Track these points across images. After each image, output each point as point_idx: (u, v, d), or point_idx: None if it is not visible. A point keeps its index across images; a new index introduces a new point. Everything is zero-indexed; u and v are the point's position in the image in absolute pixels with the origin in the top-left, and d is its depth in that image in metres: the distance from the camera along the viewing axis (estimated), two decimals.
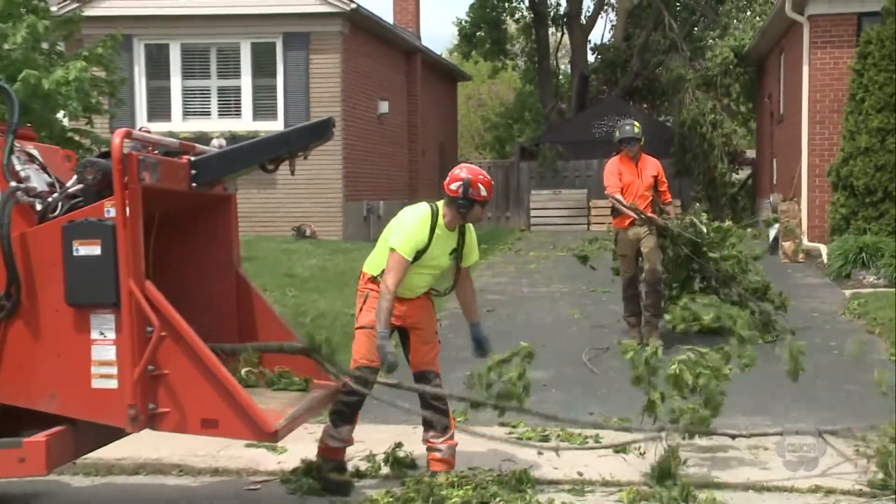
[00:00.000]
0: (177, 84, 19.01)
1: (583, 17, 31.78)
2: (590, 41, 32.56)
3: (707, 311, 9.55)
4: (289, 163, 5.37)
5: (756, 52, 22.77)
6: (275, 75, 18.84)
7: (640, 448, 6.34)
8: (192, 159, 5.11)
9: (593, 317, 11.47)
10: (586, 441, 6.67)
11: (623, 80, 30.94)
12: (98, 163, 4.75)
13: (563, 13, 32.27)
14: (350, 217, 19.27)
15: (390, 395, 5.93)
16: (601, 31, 72.39)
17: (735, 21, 28.18)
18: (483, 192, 5.78)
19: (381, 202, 20.71)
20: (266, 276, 12.87)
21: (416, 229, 5.76)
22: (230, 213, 5.66)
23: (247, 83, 18.92)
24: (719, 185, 23.61)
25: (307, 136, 5.42)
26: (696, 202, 20.34)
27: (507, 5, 32.46)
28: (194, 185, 5.06)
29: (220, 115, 18.95)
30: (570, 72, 33.66)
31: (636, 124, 9.84)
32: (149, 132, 5.15)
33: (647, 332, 9.63)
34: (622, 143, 9.71)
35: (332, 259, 15.49)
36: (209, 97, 19.10)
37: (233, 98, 19.01)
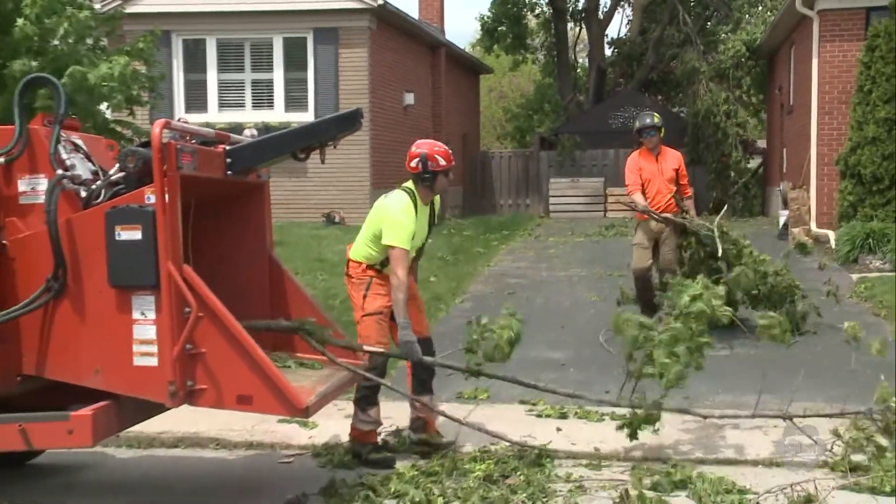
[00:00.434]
0: (213, 77, 19.05)
1: (600, 13, 31.57)
2: (607, 35, 32.36)
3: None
4: (319, 152, 5.38)
5: (767, 46, 22.60)
6: (306, 69, 18.84)
7: (655, 426, 6.32)
8: (228, 148, 5.12)
9: (610, 299, 11.40)
10: (603, 418, 6.67)
11: (639, 73, 30.79)
12: (139, 152, 4.77)
13: (581, 8, 32.08)
14: None
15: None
16: (618, 26, 72.18)
17: (747, 16, 27.96)
18: (441, 161, 6.06)
19: None
20: (297, 261, 12.92)
21: (408, 221, 5.90)
22: (263, 199, 5.67)
23: (279, 76, 18.94)
24: (734, 171, 23.44)
25: (336, 127, 5.42)
26: (714, 208, 19.25)
27: (527, 1, 32.30)
28: (229, 172, 5.07)
29: (253, 106, 18.98)
30: (587, 65, 33.43)
31: (656, 115, 9.49)
32: (186, 123, 5.16)
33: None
34: (642, 133, 9.34)
35: None
36: (243, 89, 19.13)
37: (266, 90, 19.04)
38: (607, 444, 6.11)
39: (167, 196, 4.56)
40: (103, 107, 12.08)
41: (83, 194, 4.84)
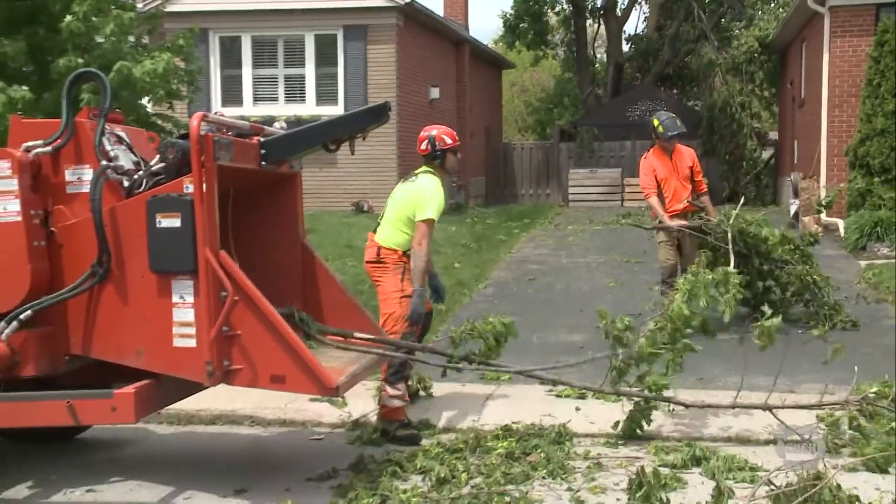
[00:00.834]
0: (248, 72, 19.09)
1: (618, 10, 31.41)
2: (624, 32, 32.20)
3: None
4: (349, 143, 5.39)
5: (779, 41, 22.39)
6: (336, 64, 18.84)
7: (671, 407, 6.30)
8: (262, 140, 5.13)
9: (627, 285, 11.39)
10: (619, 399, 6.63)
11: (655, 68, 30.60)
12: (178, 143, 4.79)
13: (599, 6, 31.91)
14: None
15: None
16: (635, 23, 71.65)
17: (760, 12, 27.71)
18: (448, 140, 6.23)
19: None
20: (328, 248, 12.94)
21: (440, 196, 6.08)
22: (296, 189, 5.68)
23: (310, 71, 18.94)
24: (749, 161, 23.27)
25: (365, 120, 5.43)
26: (732, 198, 18.76)
27: None
28: (263, 163, 5.09)
29: (286, 100, 19.00)
30: (605, 60, 33.28)
31: (677, 119, 8.92)
32: (223, 116, 5.18)
33: None
34: (671, 139, 8.76)
35: None
36: (277, 84, 19.15)
37: (298, 85, 19.06)
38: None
39: (204, 185, 4.58)
40: (145, 101, 12.14)
41: (126, 184, 4.88)
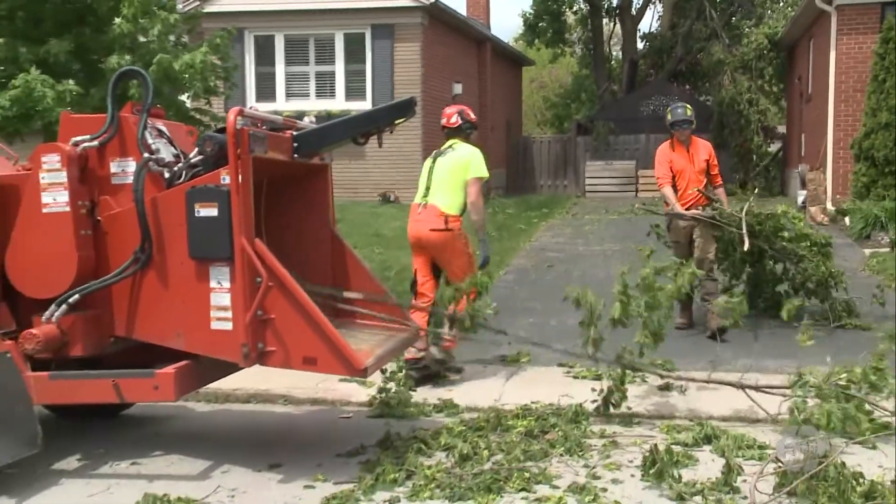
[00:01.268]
0: (281, 70, 19.13)
1: (633, 9, 31.23)
2: (639, 30, 32.01)
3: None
4: (377, 137, 5.38)
5: (787, 39, 22.19)
6: (364, 61, 18.84)
7: (683, 386, 6.27)
8: (295, 133, 5.13)
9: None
10: (634, 380, 6.59)
11: (668, 65, 30.40)
12: (215, 137, 4.79)
13: (615, 5, 31.72)
14: None
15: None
16: (649, 21, 71.08)
17: (769, 11, 27.45)
18: (472, 114, 6.81)
19: None
20: (356, 236, 12.95)
21: (484, 160, 6.66)
22: (326, 180, 5.67)
23: (340, 68, 18.96)
24: (756, 154, 23.12)
25: (392, 114, 5.41)
26: (746, 187, 18.54)
27: None
28: (296, 155, 5.08)
29: (317, 96, 19.03)
30: (621, 57, 33.07)
31: (688, 107, 8.45)
32: (257, 111, 5.18)
33: (709, 318, 8.02)
34: (674, 126, 8.32)
35: None
36: (308, 81, 19.18)
37: (328, 81, 19.08)
38: (638, 404, 6.07)
39: (240, 177, 4.58)
40: (184, 96, 12.18)
41: (166, 175, 4.89)
